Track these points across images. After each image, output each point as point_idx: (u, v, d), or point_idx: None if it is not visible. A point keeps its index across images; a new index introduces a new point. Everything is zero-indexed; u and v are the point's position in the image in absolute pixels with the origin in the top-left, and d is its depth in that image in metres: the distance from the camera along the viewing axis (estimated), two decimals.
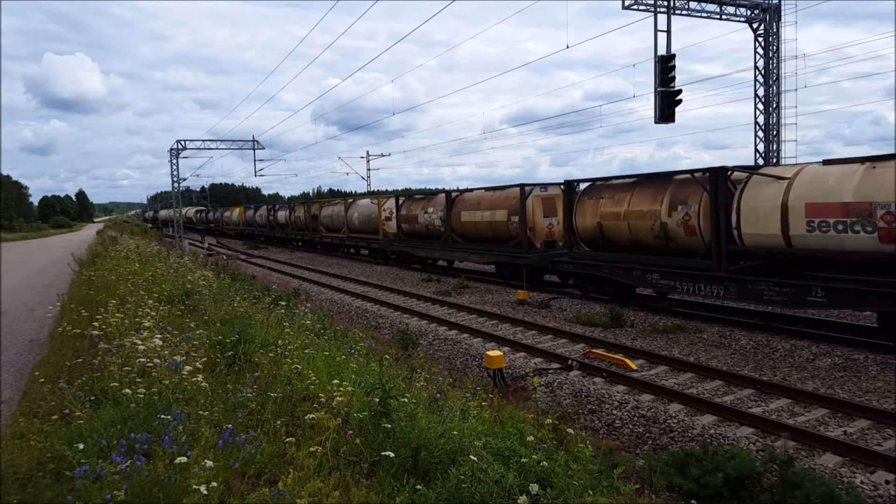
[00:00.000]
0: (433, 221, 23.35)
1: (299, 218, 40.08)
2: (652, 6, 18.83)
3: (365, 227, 30.10)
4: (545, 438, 4.89)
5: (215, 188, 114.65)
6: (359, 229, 30.91)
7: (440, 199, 23.26)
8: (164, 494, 3.34)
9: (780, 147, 21.39)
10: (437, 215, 23.04)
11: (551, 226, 18.49)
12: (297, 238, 41.46)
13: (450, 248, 22.23)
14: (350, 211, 31.76)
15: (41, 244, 46.48)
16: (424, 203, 24.49)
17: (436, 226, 23.12)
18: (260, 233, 50.65)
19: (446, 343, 12.39)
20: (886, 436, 6.91)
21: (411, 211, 25.10)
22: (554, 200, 18.42)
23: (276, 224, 45.39)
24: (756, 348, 10.72)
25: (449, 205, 22.07)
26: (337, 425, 4.19)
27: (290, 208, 42.55)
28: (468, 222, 20.97)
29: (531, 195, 18.34)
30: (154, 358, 5.25)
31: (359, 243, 31.23)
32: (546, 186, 18.72)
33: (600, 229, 14.95)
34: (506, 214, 19.09)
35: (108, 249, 22.19)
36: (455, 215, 21.65)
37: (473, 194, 21.47)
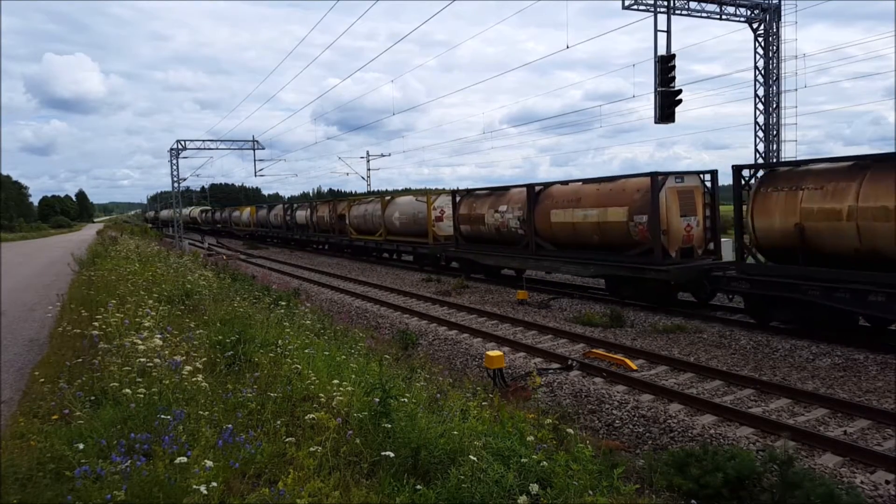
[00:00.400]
0: (507, 222, 18.95)
1: (323, 218, 36.14)
2: (652, 6, 18.83)
3: (409, 228, 25.99)
4: (545, 438, 4.89)
5: (215, 188, 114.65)
6: (400, 231, 26.74)
7: (516, 196, 18.95)
8: (164, 494, 3.34)
9: (780, 147, 21.38)
10: (512, 215, 18.67)
11: (689, 227, 13.99)
12: (319, 241, 37.86)
13: (533, 255, 17.68)
14: (389, 210, 27.45)
15: (41, 244, 46.48)
16: (493, 200, 19.98)
17: (511, 228, 18.74)
18: (274, 234, 47.09)
19: (446, 343, 12.39)
20: (886, 436, 6.91)
21: (474, 209, 20.61)
22: (693, 194, 14.16)
23: (295, 225, 41.67)
24: (756, 348, 10.72)
25: (531, 202, 17.57)
26: (337, 425, 4.19)
27: (312, 207, 38.39)
28: (562, 224, 16.42)
29: (665, 187, 13.75)
30: (154, 358, 5.25)
31: (401, 248, 26.83)
32: (682, 176, 14.24)
33: (801, 234, 10.82)
34: (625, 213, 14.44)
35: (108, 249, 22.19)
36: (541, 215, 17.21)
37: (568, 188, 16.97)
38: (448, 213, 23.04)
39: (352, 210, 31.81)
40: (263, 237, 50.30)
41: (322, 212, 36.53)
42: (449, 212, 22.90)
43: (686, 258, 13.86)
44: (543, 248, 17.34)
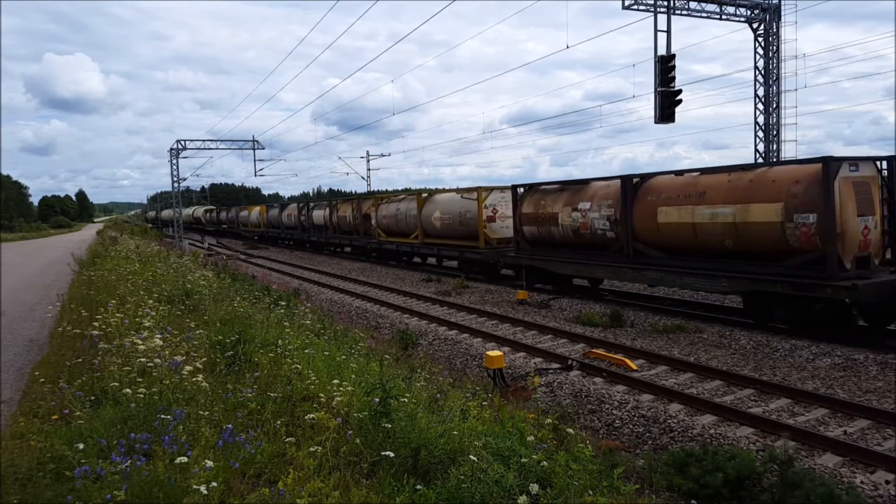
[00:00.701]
0: (591, 223, 15.36)
1: (344, 218, 32.92)
2: (652, 6, 18.84)
3: (452, 230, 22.46)
4: (545, 438, 4.89)
5: (215, 188, 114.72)
6: (441, 233, 23.16)
7: (602, 190, 15.30)
8: (164, 494, 3.34)
9: (780, 147, 21.39)
10: (599, 213, 15.08)
11: (867, 230, 10.77)
12: (340, 243, 34.84)
13: (630, 264, 14.12)
14: (428, 209, 23.99)
15: (41, 244, 46.48)
16: (569, 196, 16.38)
17: (597, 230, 15.19)
18: (288, 236, 43.90)
19: (446, 343, 12.39)
20: (886, 436, 6.91)
21: (543, 208, 17.00)
22: (869, 187, 10.90)
23: (311, 226, 38.39)
24: (756, 348, 10.72)
25: (627, 197, 14.06)
26: (337, 425, 4.19)
27: (332, 207, 35.18)
28: (675, 224, 12.89)
29: (838, 177, 10.46)
30: (154, 358, 5.26)
31: (442, 252, 23.37)
32: (857, 163, 10.90)
33: None
34: (778, 211, 11.04)
35: (108, 249, 22.19)
36: (642, 213, 13.72)
37: (680, 180, 13.33)
38: (502, 212, 20.29)
39: (380, 209, 28.22)
40: (275, 239, 47.08)
41: (344, 211, 33.34)
42: (503, 211, 20.18)
43: (862, 269, 10.68)
44: (645, 255, 13.79)
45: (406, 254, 27.40)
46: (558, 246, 16.93)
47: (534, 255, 17.72)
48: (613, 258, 14.80)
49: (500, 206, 20.62)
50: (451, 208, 22.70)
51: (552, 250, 17.12)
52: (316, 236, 37.95)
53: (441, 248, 23.52)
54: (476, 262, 21.17)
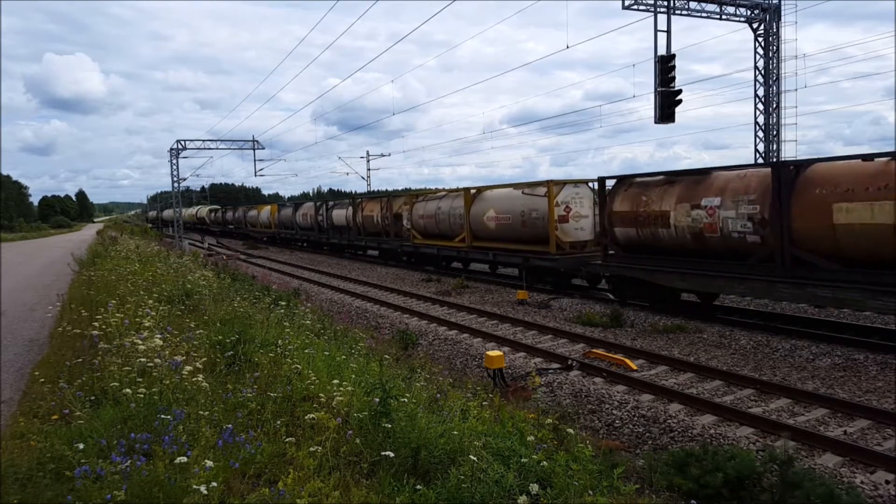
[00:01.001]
0: (723, 224, 11.85)
1: (371, 219, 29.70)
2: (652, 6, 18.85)
3: (511, 231, 19.06)
4: (545, 438, 4.89)
5: (215, 188, 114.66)
6: (497, 235, 19.87)
7: (738, 181, 11.84)
8: (164, 494, 3.34)
9: (780, 147, 21.40)
10: (736, 212, 11.64)
11: None
12: (366, 245, 31.17)
13: (787, 278, 10.88)
14: (478, 207, 20.66)
15: (41, 244, 46.48)
16: (684, 190, 12.77)
17: (731, 232, 11.72)
18: (303, 237, 40.75)
19: (446, 343, 12.39)
20: (886, 436, 6.91)
21: (645, 205, 13.55)
22: None
23: (330, 227, 35.11)
24: (756, 348, 10.72)
25: (781, 190, 10.75)
26: (337, 425, 4.19)
27: (356, 206, 31.73)
28: (859, 227, 9.74)
29: None
30: (154, 358, 5.25)
31: (499, 257, 19.87)
32: None
33: None
34: None
35: (108, 249, 22.19)
36: (806, 212, 10.48)
37: (869, 167, 9.85)
38: (576, 210, 17.36)
39: (415, 208, 24.91)
40: (287, 240, 43.96)
41: (370, 210, 29.93)
42: (577, 209, 17.35)
43: None
44: (811, 266, 10.56)
45: (448, 259, 23.85)
46: (667, 252, 13.43)
47: (630, 262, 14.25)
48: (758, 270, 11.36)
49: (574, 204, 17.45)
50: (509, 206, 19.13)
51: (657, 258, 13.62)
52: (336, 238, 34.50)
53: (497, 253, 19.83)
54: (545, 270, 17.69)
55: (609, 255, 15.17)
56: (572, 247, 17.29)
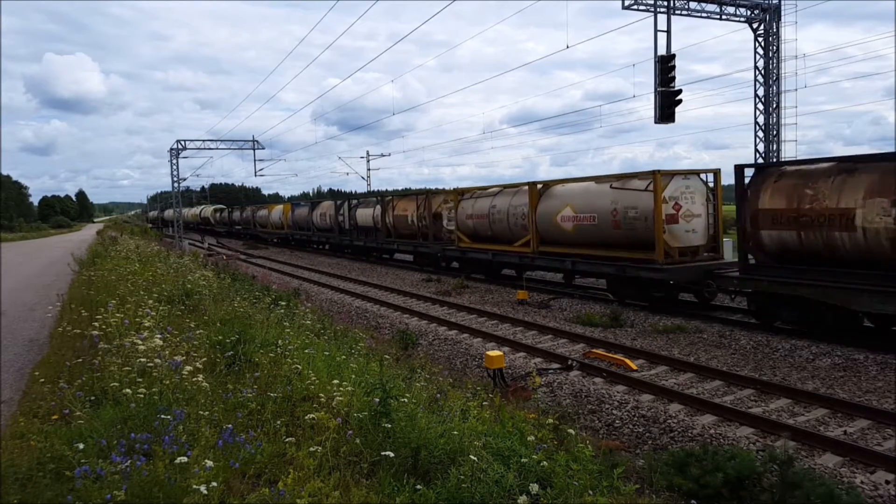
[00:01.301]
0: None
1: (404, 219, 26.28)
2: (652, 6, 18.84)
3: (598, 234, 15.47)
4: (545, 438, 4.89)
5: (215, 188, 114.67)
6: (574, 239, 16.18)
7: None
8: (164, 494, 3.34)
9: (780, 147, 21.39)
10: None
11: None
12: (398, 248, 27.26)
13: None
14: (549, 204, 16.98)
15: (41, 244, 46.48)
16: (879, 181, 9.80)
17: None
18: (321, 239, 37.74)
19: (446, 343, 12.39)
20: (886, 436, 6.91)
21: (812, 200, 10.61)
22: None
23: (354, 228, 31.74)
24: (756, 348, 10.72)
25: None
26: (337, 425, 4.19)
27: (385, 204, 28.20)
28: None
29: None
30: (154, 358, 5.25)
31: (579, 265, 16.00)
32: None
33: None
34: None
35: (108, 249, 22.19)
36: None
37: None
38: (687, 208, 13.88)
39: (461, 207, 21.44)
40: (303, 242, 41.01)
41: (403, 210, 26.47)
42: (689, 206, 13.90)
43: None
44: None
45: (508, 266, 19.98)
46: (843, 263, 10.32)
47: (786, 276, 11.18)
48: None
49: (684, 200, 13.90)
50: (594, 203, 15.45)
51: (830, 270, 10.49)
52: (362, 240, 30.77)
53: (576, 260, 15.93)
54: (649, 283, 14.10)
55: (752, 265, 12.02)
56: (681, 253, 13.75)
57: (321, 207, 37.45)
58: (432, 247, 23.85)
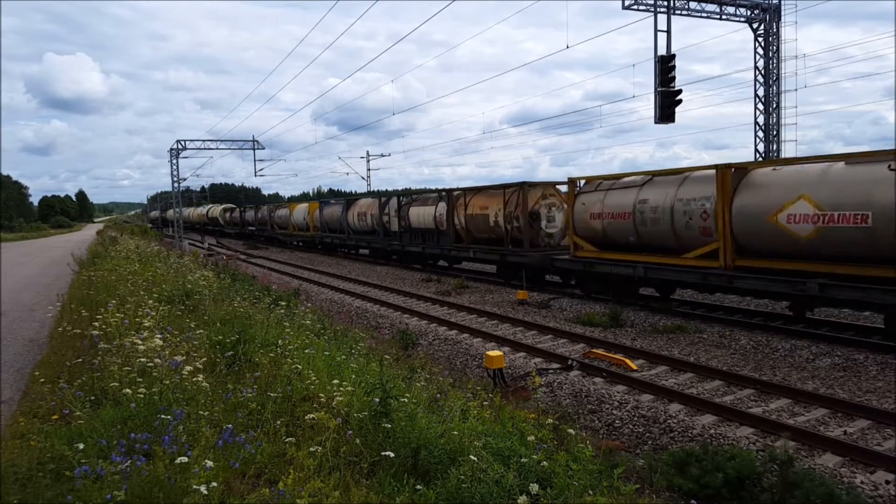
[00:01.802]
0: None
1: (482, 219, 20.66)
2: (652, 6, 18.85)
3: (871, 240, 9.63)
4: (545, 438, 4.89)
5: (215, 188, 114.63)
6: (816, 247, 10.48)
7: None
8: (164, 494, 3.34)
9: (780, 147, 21.40)
10: None
11: None
12: (474, 256, 21.17)
13: None
14: (752, 196, 11.65)
15: (41, 244, 46.48)
16: None
17: None
18: (358, 243, 32.18)
19: (446, 343, 12.39)
20: (886, 436, 6.91)
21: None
22: None
23: (406, 230, 26.03)
24: (756, 348, 10.72)
25: None
26: (337, 425, 4.19)
27: (453, 201, 22.30)
28: None
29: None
30: (154, 358, 5.25)
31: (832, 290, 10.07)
32: None
33: None
34: None
35: (108, 250, 22.20)
36: None
37: None
38: None
39: (581, 202, 15.99)
40: (333, 246, 35.67)
41: (482, 207, 20.64)
42: None
43: None
44: None
45: (677, 285, 14.82)
46: None
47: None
48: None
49: None
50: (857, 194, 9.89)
51: None
52: (418, 245, 24.95)
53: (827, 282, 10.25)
54: None
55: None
56: None
57: (359, 206, 31.78)
58: (530, 256, 17.87)
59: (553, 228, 18.66)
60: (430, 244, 24.34)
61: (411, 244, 25.81)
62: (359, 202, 32.62)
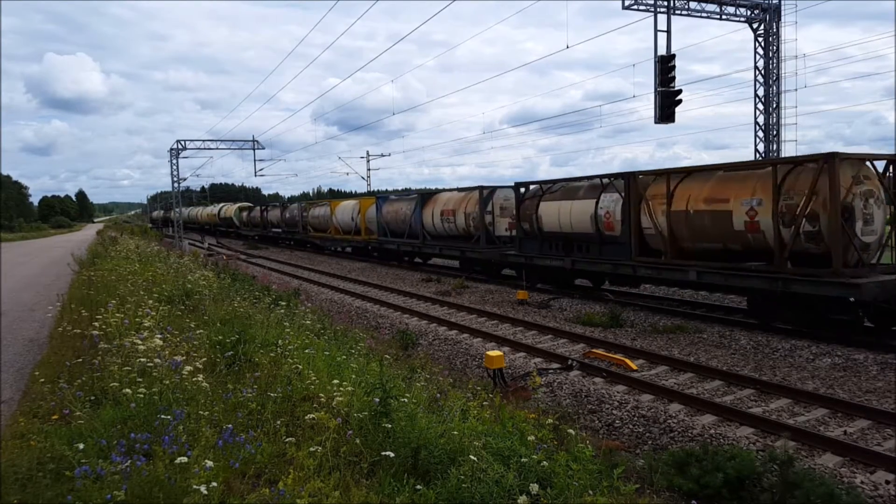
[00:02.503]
0: None
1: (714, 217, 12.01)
2: (652, 6, 18.85)
3: None
4: (545, 438, 4.89)
5: (215, 188, 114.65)
6: None
7: None
8: (164, 494, 3.34)
9: (780, 147, 21.40)
10: None
11: None
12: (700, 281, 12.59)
13: None
14: None
15: (41, 244, 46.48)
16: None
17: None
18: (443, 250, 23.46)
19: (446, 343, 12.39)
20: (886, 436, 6.91)
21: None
22: None
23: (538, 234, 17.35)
24: (756, 348, 10.72)
25: None
26: (337, 425, 4.19)
27: (645, 188, 14.15)
28: None
29: None
30: (154, 358, 5.25)
31: None
32: None
33: None
34: None
35: (108, 250, 22.19)
36: None
37: None
38: None
39: None
40: (398, 254, 27.21)
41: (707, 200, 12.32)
42: None
43: None
44: None
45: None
46: None
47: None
48: None
49: None
50: None
51: None
52: (558, 257, 16.88)
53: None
54: None
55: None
56: None
57: (442, 201, 23.42)
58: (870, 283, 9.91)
59: (870, 235, 10.79)
60: (584, 255, 16.06)
61: (547, 255, 17.31)
62: (440, 197, 23.99)
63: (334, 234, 33.74)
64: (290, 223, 42.18)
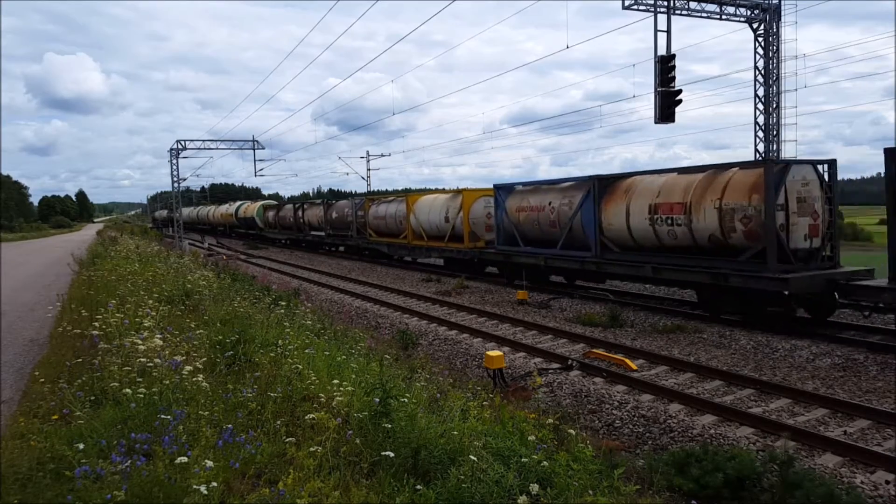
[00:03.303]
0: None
1: None
2: (652, 6, 18.84)
3: None
4: (546, 438, 4.89)
5: (215, 188, 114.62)
6: None
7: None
8: (164, 494, 3.34)
9: (780, 147, 21.38)
10: None
11: None
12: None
13: None
14: None
15: (41, 244, 46.48)
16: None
17: None
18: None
19: (446, 343, 12.39)
20: (886, 436, 6.91)
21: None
22: None
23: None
24: (756, 348, 10.72)
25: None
26: (337, 425, 4.19)
27: None
28: None
29: None
30: (154, 358, 5.25)
31: None
32: None
33: None
34: None
35: (108, 250, 22.19)
36: None
37: None
38: None
39: None
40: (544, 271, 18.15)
41: None
42: None
43: None
44: None
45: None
46: None
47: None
48: None
49: None
50: None
51: None
52: None
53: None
54: None
55: None
56: None
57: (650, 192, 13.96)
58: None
59: None
60: None
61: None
62: (641, 181, 14.66)
63: (413, 241, 24.92)
64: (337, 225, 33.29)
